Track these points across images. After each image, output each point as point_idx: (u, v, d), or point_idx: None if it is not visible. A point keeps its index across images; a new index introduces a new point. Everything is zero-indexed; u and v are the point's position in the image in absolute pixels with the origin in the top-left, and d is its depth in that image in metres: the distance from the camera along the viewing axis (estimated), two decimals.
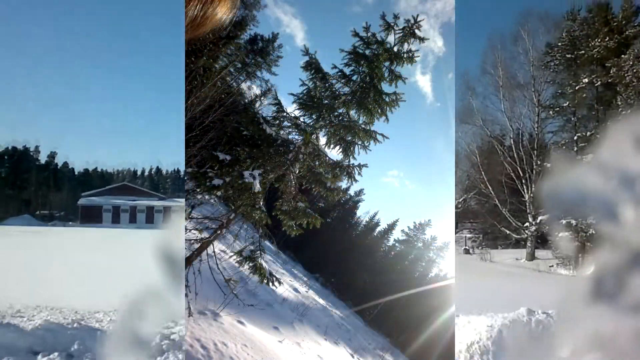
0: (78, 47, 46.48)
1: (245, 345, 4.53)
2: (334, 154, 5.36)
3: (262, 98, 8.70)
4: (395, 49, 5.02)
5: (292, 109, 5.30)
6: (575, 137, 11.97)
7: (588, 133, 11.70)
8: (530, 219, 12.50)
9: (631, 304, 0.29)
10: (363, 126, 5.20)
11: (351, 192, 20.94)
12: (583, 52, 11.88)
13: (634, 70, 10.64)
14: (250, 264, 5.01)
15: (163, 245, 0.40)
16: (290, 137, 5.25)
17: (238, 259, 5.05)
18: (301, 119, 5.23)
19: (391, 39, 5.04)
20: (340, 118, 5.24)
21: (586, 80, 11.73)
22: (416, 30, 4.94)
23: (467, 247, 17.24)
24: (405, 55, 5.03)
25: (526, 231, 12.69)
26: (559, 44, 12.33)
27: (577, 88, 11.82)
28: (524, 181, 12.70)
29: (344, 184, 5.92)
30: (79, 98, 46.31)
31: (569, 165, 0.27)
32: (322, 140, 5.33)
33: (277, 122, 5.23)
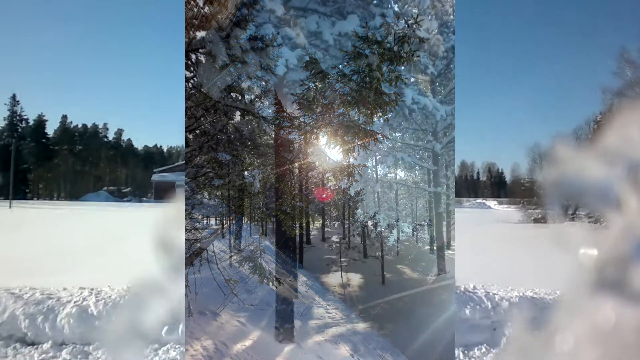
0: (76, 48, 46.59)
1: (245, 345, 4.52)
2: (334, 154, 5.35)
3: (262, 98, 8.68)
4: (395, 49, 5.02)
5: (292, 109, 5.29)
6: None
7: None
8: None
9: (635, 294, 0.29)
10: (363, 126, 5.20)
11: (351, 192, 20.90)
12: None
13: None
14: (250, 264, 5.01)
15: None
16: (290, 137, 5.25)
17: (238, 259, 5.05)
18: (301, 119, 5.23)
19: (391, 38, 5.04)
20: (340, 118, 5.24)
21: None
22: (416, 30, 4.94)
23: None
24: (405, 55, 5.03)
25: None
26: None
27: None
28: None
29: (344, 184, 5.92)
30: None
31: (573, 153, 0.27)
32: (322, 140, 5.32)
33: (277, 122, 5.23)
